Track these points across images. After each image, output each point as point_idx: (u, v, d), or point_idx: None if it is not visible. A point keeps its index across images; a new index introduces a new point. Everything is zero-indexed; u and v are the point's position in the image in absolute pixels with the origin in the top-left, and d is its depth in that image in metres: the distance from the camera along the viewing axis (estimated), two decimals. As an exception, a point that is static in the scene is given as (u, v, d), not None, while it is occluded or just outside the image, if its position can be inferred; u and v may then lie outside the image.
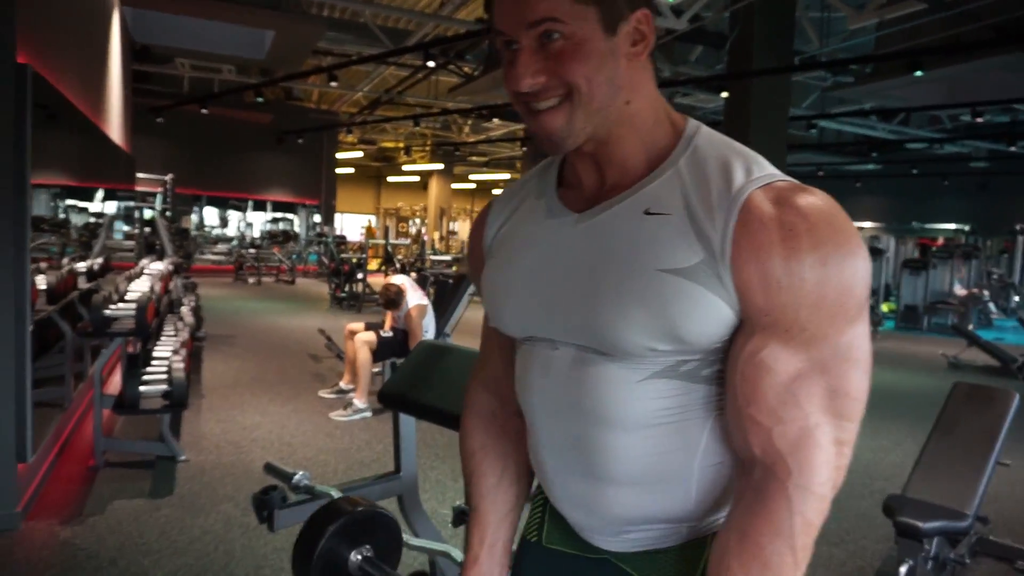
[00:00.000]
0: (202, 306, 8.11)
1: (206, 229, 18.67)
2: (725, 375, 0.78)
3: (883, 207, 20.79)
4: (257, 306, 10.85)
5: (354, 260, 11.59)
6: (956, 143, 14.51)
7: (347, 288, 11.30)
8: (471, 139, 18.47)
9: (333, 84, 10.29)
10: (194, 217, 17.99)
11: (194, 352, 6.60)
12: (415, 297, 5.16)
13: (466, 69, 11.24)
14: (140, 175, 12.60)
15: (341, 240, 15.54)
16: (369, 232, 20.53)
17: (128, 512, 3.15)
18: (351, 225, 24.65)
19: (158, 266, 5.65)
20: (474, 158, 21.60)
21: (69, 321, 4.25)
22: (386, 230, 18.54)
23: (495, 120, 14.70)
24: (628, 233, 0.79)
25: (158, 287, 4.27)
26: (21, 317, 2.95)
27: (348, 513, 1.10)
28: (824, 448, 0.73)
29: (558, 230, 0.85)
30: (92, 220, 6.66)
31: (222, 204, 18.66)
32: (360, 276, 11.21)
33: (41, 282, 4.03)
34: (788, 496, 0.73)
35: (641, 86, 0.80)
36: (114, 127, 6.57)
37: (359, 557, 1.09)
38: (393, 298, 5.06)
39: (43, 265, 4.88)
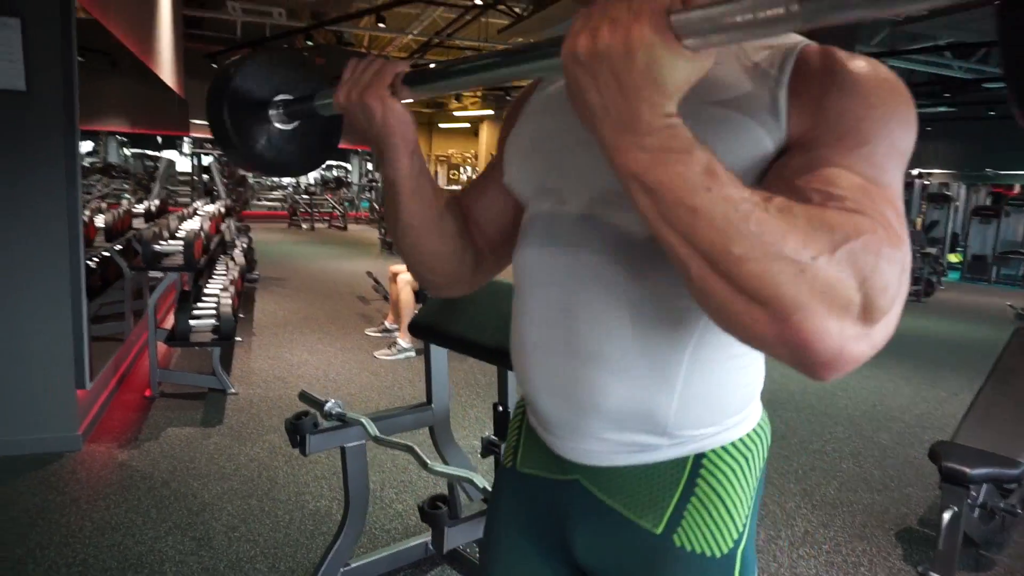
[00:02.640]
0: (256, 249, 8.31)
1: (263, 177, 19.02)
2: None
3: (955, 153, 19.68)
4: (309, 250, 11.05)
5: (404, 205, 11.64)
6: (1040, 83, 13.52)
7: (397, 233, 11.40)
8: (522, 83, 18.14)
9: (381, 26, 10.19)
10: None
11: (247, 293, 6.80)
12: None
13: (516, 9, 10.95)
14: (196, 121, 12.85)
15: (392, 186, 15.56)
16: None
17: (180, 439, 3.30)
18: (403, 172, 24.65)
19: (210, 208, 5.77)
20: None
21: (127, 260, 4.41)
22: (435, 176, 18.55)
23: (546, 63, 14.35)
24: None
25: (207, 226, 4.36)
26: (76, 252, 3.06)
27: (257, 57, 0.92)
28: (904, 241, 0.55)
29: None
30: (151, 164, 6.86)
31: (277, 151, 18.90)
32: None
33: (99, 221, 4.17)
34: (858, 219, 0.53)
35: None
36: (166, 70, 6.65)
37: (279, 101, 0.92)
38: None
39: (103, 205, 5.04)
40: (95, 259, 3.84)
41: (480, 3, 8.92)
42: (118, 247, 4.19)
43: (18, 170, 2.92)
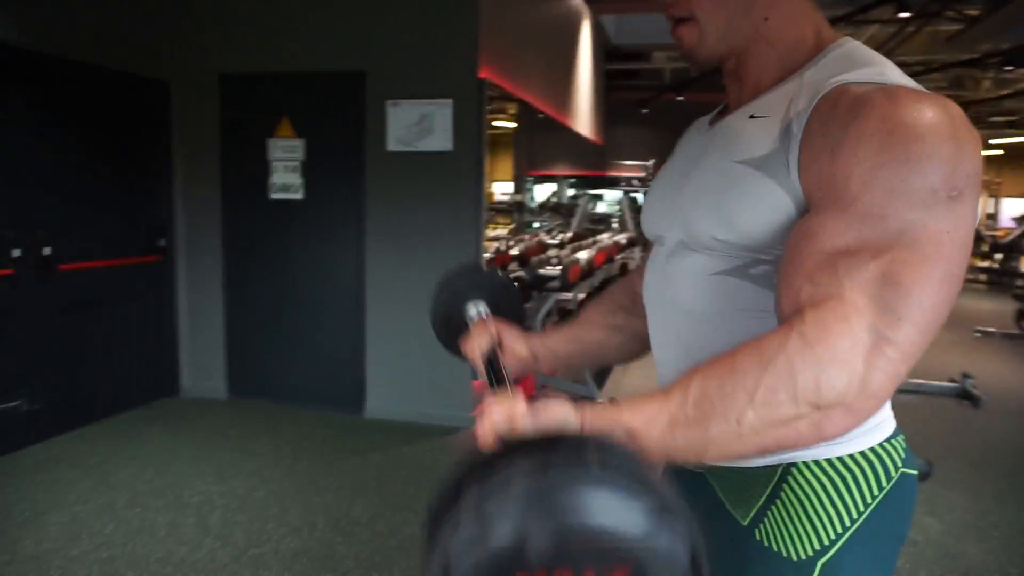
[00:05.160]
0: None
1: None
2: None
3: None
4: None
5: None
6: None
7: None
8: (989, 95, 15.35)
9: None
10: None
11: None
12: None
13: (967, 12, 9.51)
14: (627, 162, 14.27)
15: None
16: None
17: (544, 432, 3.92)
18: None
19: (609, 240, 6.51)
20: (995, 118, 17.88)
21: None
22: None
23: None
24: (729, 135, 0.83)
25: (593, 256, 5.01)
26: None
27: (468, 271, 1.17)
28: (852, 326, 0.62)
29: (695, 141, 0.95)
30: (575, 202, 8.05)
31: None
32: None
33: (514, 249, 5.17)
34: (786, 334, 0.62)
35: (782, 3, 0.81)
36: (583, 123, 7.72)
37: (476, 311, 1.11)
38: None
39: (526, 236, 6.16)
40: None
41: (904, 16, 8.07)
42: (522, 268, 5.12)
43: (445, 208, 3.91)
